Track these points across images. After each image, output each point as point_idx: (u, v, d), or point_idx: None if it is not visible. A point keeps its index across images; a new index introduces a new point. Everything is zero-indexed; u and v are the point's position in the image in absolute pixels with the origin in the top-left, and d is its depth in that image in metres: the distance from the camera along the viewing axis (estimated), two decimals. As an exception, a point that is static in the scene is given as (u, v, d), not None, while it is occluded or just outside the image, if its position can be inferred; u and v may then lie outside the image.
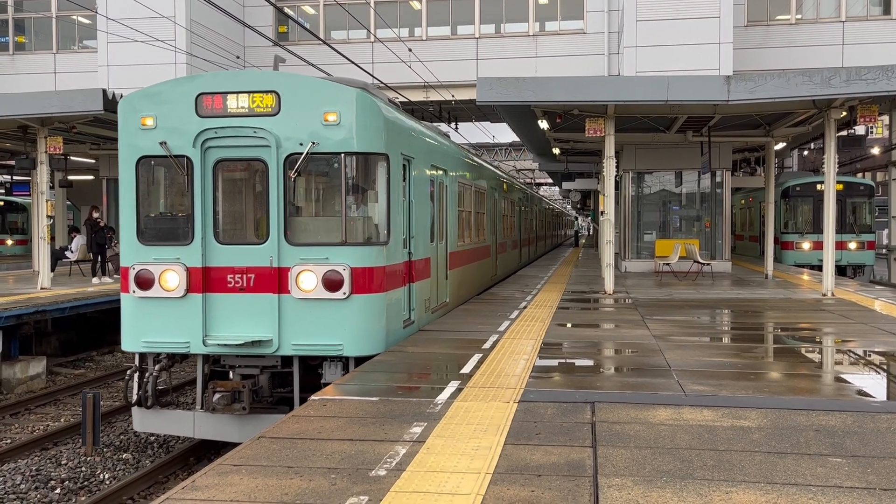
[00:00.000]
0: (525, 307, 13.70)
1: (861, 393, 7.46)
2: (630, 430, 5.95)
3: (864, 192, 27.48)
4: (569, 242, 62.35)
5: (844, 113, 14.90)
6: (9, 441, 11.21)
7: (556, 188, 60.95)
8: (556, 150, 24.40)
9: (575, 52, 26.64)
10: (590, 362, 9.05)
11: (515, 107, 16.19)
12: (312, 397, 7.11)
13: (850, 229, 26.74)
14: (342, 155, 8.93)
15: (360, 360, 8.88)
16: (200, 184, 9.08)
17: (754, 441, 5.67)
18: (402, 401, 6.89)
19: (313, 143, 8.84)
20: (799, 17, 26.13)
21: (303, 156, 8.84)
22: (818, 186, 25.67)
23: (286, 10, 27.81)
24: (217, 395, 8.91)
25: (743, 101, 14.08)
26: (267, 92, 8.95)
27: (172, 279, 9.10)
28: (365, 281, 8.93)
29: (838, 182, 19.83)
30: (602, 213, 16.65)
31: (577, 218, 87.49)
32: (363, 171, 9.25)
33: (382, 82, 22.37)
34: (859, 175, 40.46)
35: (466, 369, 8.20)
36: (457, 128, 32.39)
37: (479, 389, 7.29)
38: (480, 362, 8.56)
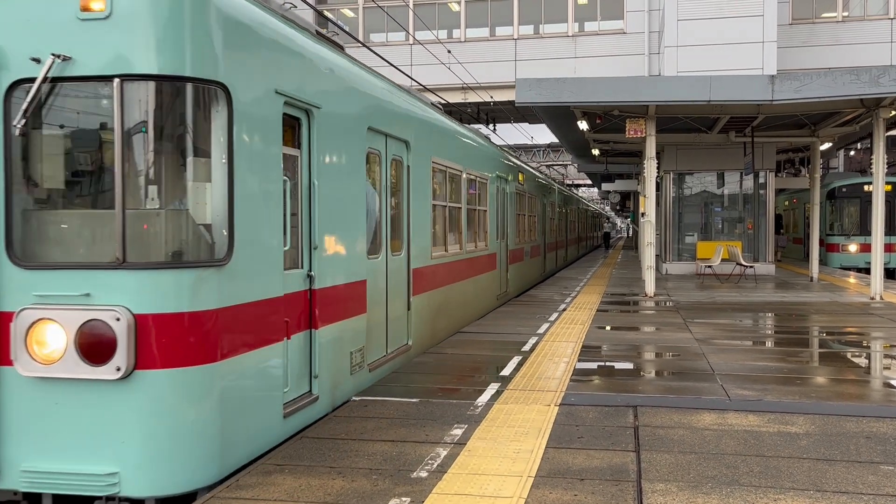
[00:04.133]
0: (564, 309, 13.62)
1: (913, 399, 7.26)
2: (674, 435, 5.87)
3: (913, 193, 26.82)
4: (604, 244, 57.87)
5: (893, 112, 14.62)
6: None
7: (595, 189, 60.48)
8: (596, 151, 24.25)
9: (615, 52, 26.48)
10: (631, 365, 8.95)
11: (555, 108, 16.12)
12: (353, 397, 7.11)
13: (898, 231, 26.11)
14: (116, 81, 4.62)
15: (169, 502, 4.82)
16: None
17: (802, 447, 5.56)
18: (443, 402, 6.88)
19: (60, 57, 4.65)
20: (846, 14, 25.62)
21: (37, 84, 4.66)
22: (865, 187, 25.13)
23: (325, 13, 28.05)
24: None
25: (788, 100, 13.88)
26: None
27: None
28: (168, 340, 4.69)
29: (887, 182, 19.41)
30: (643, 214, 16.49)
31: (608, 219, 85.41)
32: (171, 114, 4.83)
33: (421, 84, 22.43)
34: (908, 176, 39.54)
35: (506, 371, 8.18)
36: (495, 129, 32.39)
37: (519, 392, 7.26)
38: (520, 364, 8.53)
